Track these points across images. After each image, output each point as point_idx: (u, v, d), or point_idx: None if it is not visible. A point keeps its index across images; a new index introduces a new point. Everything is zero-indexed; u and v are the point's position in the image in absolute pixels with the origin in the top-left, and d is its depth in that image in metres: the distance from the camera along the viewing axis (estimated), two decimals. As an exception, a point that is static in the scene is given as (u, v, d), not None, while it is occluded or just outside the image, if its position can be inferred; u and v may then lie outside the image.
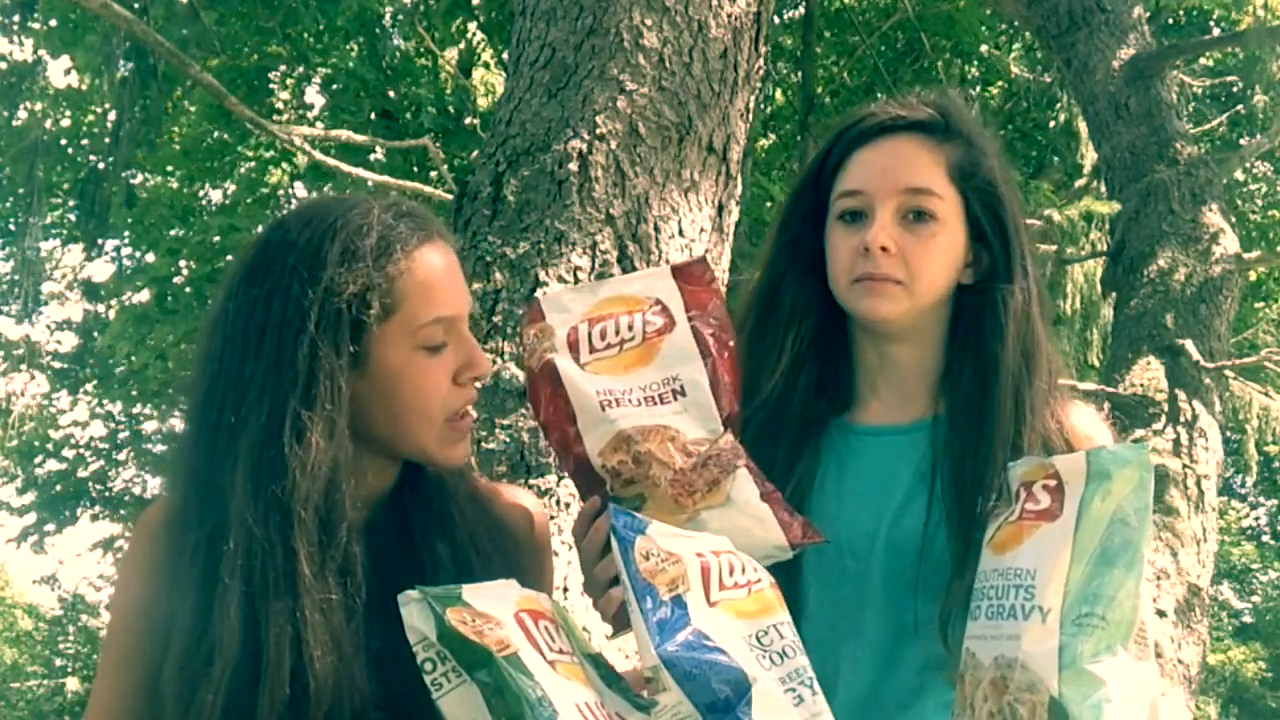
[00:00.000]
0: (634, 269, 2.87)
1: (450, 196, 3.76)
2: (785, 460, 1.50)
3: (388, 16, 10.51)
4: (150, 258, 11.52)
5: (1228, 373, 6.20)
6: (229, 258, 10.14)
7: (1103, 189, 7.57)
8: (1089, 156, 8.83)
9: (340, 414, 1.26)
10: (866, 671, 1.46)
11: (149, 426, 13.82)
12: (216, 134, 10.76)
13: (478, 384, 1.37)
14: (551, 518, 2.57)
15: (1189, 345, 5.81)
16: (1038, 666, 1.17)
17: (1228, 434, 6.96)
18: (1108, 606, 1.18)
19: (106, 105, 10.31)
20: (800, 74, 9.92)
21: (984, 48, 10.95)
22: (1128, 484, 1.21)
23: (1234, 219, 7.02)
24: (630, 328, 1.44)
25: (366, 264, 1.28)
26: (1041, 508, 1.25)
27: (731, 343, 1.45)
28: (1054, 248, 6.93)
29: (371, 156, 10.11)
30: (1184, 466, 5.60)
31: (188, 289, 10.81)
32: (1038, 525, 1.24)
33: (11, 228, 11.87)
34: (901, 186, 1.48)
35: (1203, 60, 10.01)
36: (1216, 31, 10.76)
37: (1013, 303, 1.48)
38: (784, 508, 1.37)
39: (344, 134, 7.19)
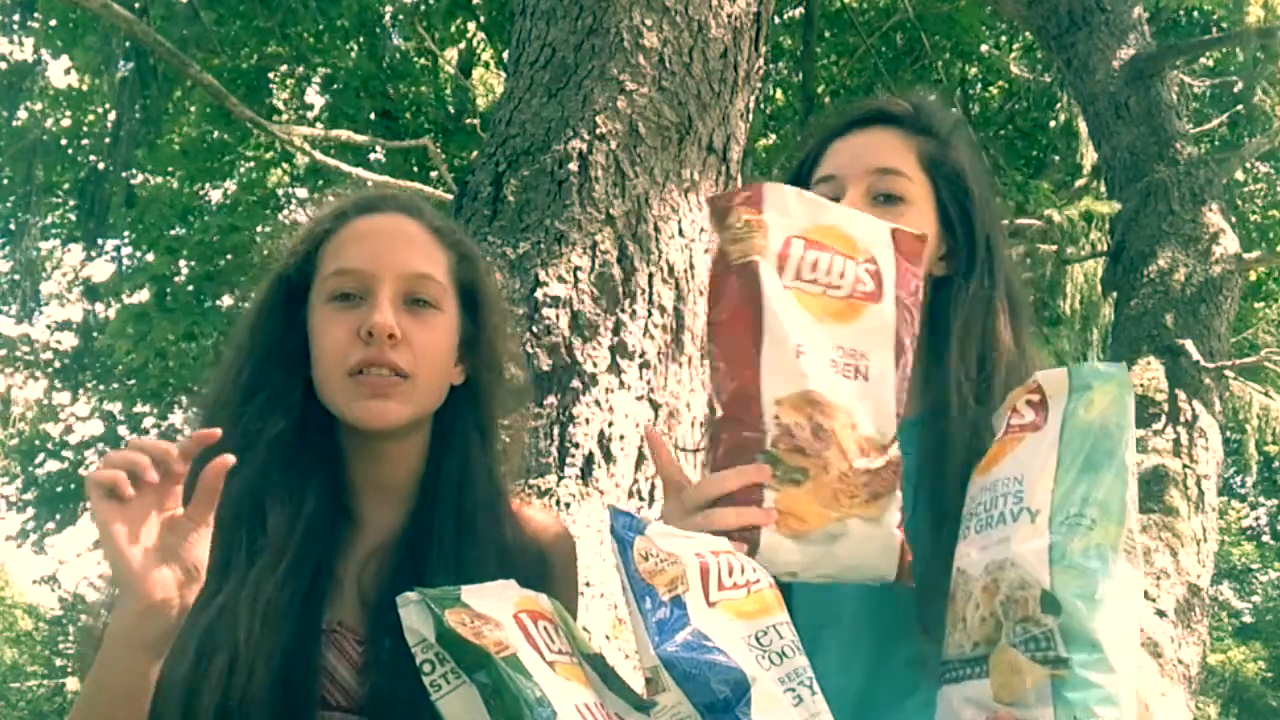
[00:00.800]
0: (634, 269, 2.87)
1: (450, 196, 3.76)
2: None
3: (388, 16, 10.52)
4: (150, 257, 11.52)
5: (1228, 373, 6.20)
6: (228, 257, 10.16)
7: (1103, 189, 7.57)
8: (1089, 156, 8.83)
9: (275, 367, 1.38)
10: (857, 670, 1.46)
11: (149, 425, 13.81)
12: (216, 134, 10.77)
13: (378, 339, 1.33)
14: (552, 518, 2.56)
15: (1189, 345, 5.81)
16: (1028, 564, 1.15)
17: (1228, 434, 6.96)
18: (1096, 509, 1.17)
19: (106, 105, 10.31)
20: (800, 74, 9.92)
21: (984, 48, 10.95)
22: (1107, 396, 1.21)
23: (1234, 219, 7.02)
24: (842, 275, 1.28)
25: (309, 234, 1.42)
26: (1026, 421, 1.24)
27: (915, 341, 1.34)
28: (1054, 248, 6.93)
29: (371, 156, 10.11)
30: (1184, 466, 5.59)
31: (189, 288, 10.82)
32: (1023, 437, 1.24)
33: (11, 228, 11.87)
34: (870, 167, 1.51)
35: (1203, 60, 10.01)
36: (1216, 31, 10.76)
37: (964, 297, 1.50)
38: (906, 542, 1.30)
39: (344, 134, 7.19)
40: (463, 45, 10.97)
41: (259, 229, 10.18)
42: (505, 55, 8.76)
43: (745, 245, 1.26)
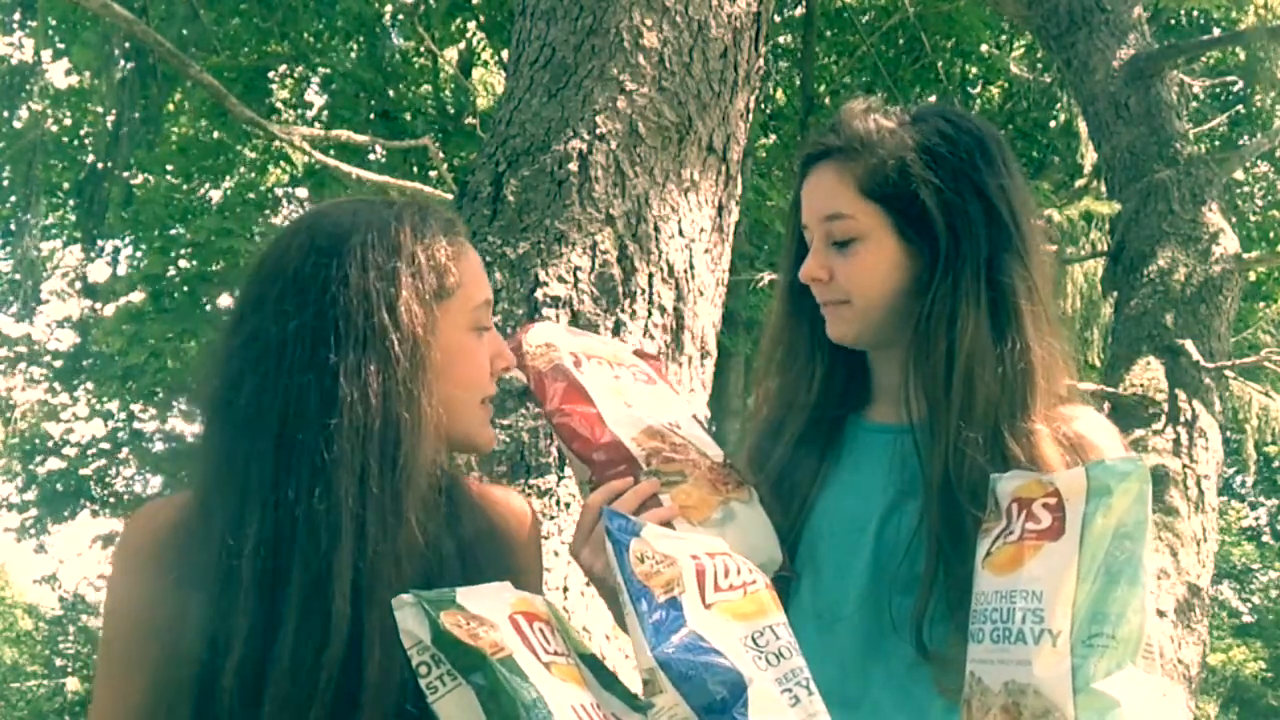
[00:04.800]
0: (634, 269, 2.87)
1: (450, 196, 3.76)
2: (815, 463, 1.54)
3: (388, 16, 10.52)
4: (147, 258, 11.52)
5: (1228, 373, 6.20)
6: (222, 264, 10.15)
7: (1103, 189, 7.57)
8: (1089, 156, 8.83)
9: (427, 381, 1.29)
10: (853, 666, 1.46)
11: (149, 425, 13.83)
12: (215, 133, 10.77)
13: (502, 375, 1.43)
14: (551, 518, 2.56)
15: (1189, 345, 5.81)
16: (1051, 691, 1.15)
17: (1228, 434, 6.95)
18: (1116, 624, 1.17)
19: (106, 104, 10.30)
20: (800, 74, 9.92)
21: (984, 48, 10.95)
22: (1127, 497, 1.20)
23: (1234, 219, 7.01)
24: (620, 372, 1.53)
25: (440, 241, 1.34)
26: (1043, 527, 1.22)
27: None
28: (1054, 248, 6.92)
29: (371, 156, 10.11)
30: (1184, 466, 5.59)
31: (184, 288, 10.81)
32: (1040, 545, 1.21)
33: (12, 228, 11.87)
34: (819, 217, 1.52)
35: (1203, 60, 10.00)
36: (1216, 31, 10.76)
37: (932, 307, 1.47)
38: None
39: (344, 134, 7.17)
40: (463, 45, 10.97)
41: (255, 229, 10.18)
42: (505, 55, 8.76)
43: (546, 357, 1.48)
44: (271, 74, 10.69)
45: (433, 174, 9.33)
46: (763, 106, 9.79)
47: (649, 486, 1.37)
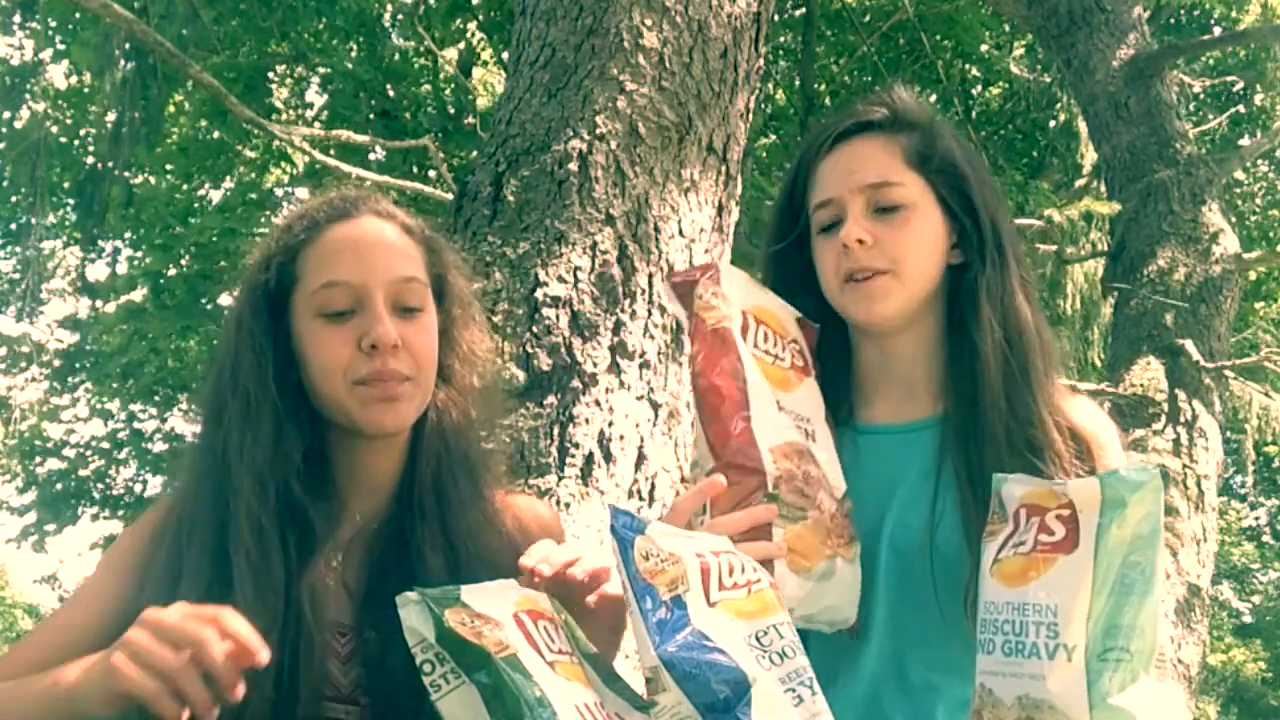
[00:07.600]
0: (634, 269, 2.87)
1: (450, 196, 3.76)
2: None
3: (388, 16, 10.51)
4: (148, 257, 11.51)
5: (1228, 373, 6.20)
6: (224, 263, 10.14)
7: (1103, 189, 7.57)
8: (1089, 156, 8.83)
9: (266, 378, 1.37)
10: (867, 672, 1.46)
11: (149, 425, 13.82)
12: (214, 133, 10.76)
13: (382, 351, 1.36)
14: (552, 517, 2.56)
15: (1189, 345, 5.81)
16: (1067, 707, 1.15)
17: (1228, 434, 6.95)
18: (1130, 637, 1.16)
19: (107, 104, 10.29)
20: (800, 74, 9.91)
21: (984, 48, 10.94)
22: (1141, 508, 1.18)
23: (1234, 219, 7.01)
24: (782, 349, 1.44)
25: (284, 244, 1.42)
26: (1056, 539, 1.20)
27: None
28: (1054, 248, 6.93)
29: (371, 156, 10.10)
30: (1184, 466, 5.59)
31: (184, 286, 10.79)
32: (1054, 558, 1.20)
33: (13, 228, 11.86)
34: (863, 184, 1.51)
35: (1203, 60, 10.00)
36: (1217, 31, 10.75)
37: (984, 281, 1.50)
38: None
39: (344, 134, 7.17)
40: (463, 45, 10.96)
41: (255, 230, 10.18)
42: (505, 55, 8.76)
43: (718, 313, 1.38)
44: (271, 74, 10.68)
45: (433, 174, 9.32)
46: (763, 106, 9.79)
47: (766, 513, 1.30)
